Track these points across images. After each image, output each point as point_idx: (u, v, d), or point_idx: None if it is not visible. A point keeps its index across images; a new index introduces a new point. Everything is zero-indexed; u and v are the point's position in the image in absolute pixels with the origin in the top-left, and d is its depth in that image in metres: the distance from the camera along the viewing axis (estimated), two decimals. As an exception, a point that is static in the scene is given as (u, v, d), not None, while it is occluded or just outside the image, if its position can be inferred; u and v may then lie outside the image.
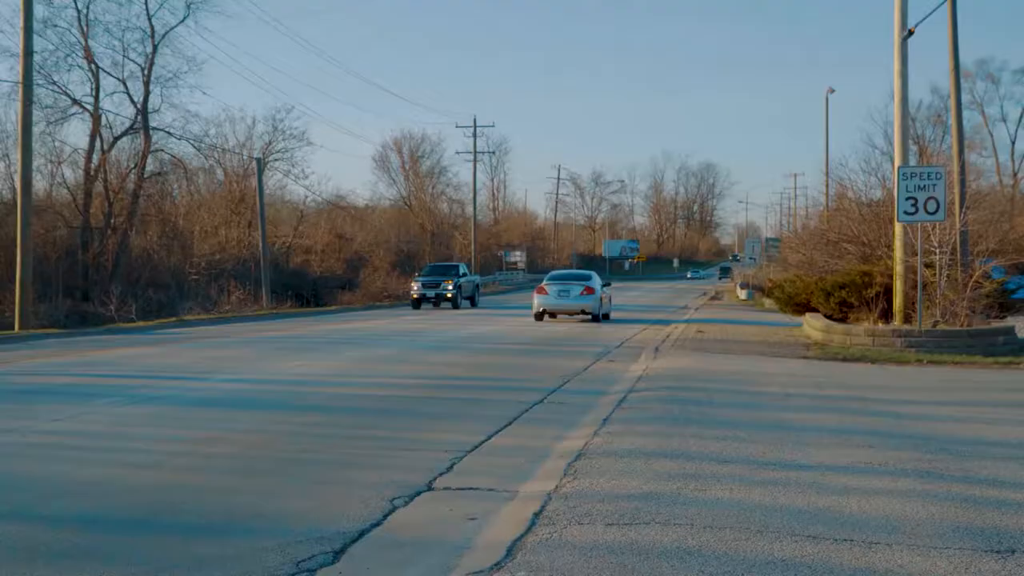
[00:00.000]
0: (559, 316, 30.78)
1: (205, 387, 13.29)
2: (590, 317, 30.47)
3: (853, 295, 24.00)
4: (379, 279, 55.64)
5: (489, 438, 9.32)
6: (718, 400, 11.44)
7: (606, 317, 31.59)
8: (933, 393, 12.55)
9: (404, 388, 13.28)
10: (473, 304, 43.47)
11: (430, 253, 75.61)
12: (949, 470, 7.47)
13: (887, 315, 22.10)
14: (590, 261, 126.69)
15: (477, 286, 45.13)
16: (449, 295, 40.94)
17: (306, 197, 62.42)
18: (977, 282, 20.59)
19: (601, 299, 30.68)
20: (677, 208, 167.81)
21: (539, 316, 30.39)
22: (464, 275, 43.09)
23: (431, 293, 41.20)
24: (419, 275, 43.49)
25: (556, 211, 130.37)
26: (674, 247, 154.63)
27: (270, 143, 59.17)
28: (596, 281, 31.00)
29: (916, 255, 19.12)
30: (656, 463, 7.61)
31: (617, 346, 21.12)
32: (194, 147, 53.38)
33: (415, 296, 41.59)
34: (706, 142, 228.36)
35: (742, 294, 53.15)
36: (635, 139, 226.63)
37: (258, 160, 48.84)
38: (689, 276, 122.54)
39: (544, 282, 30.92)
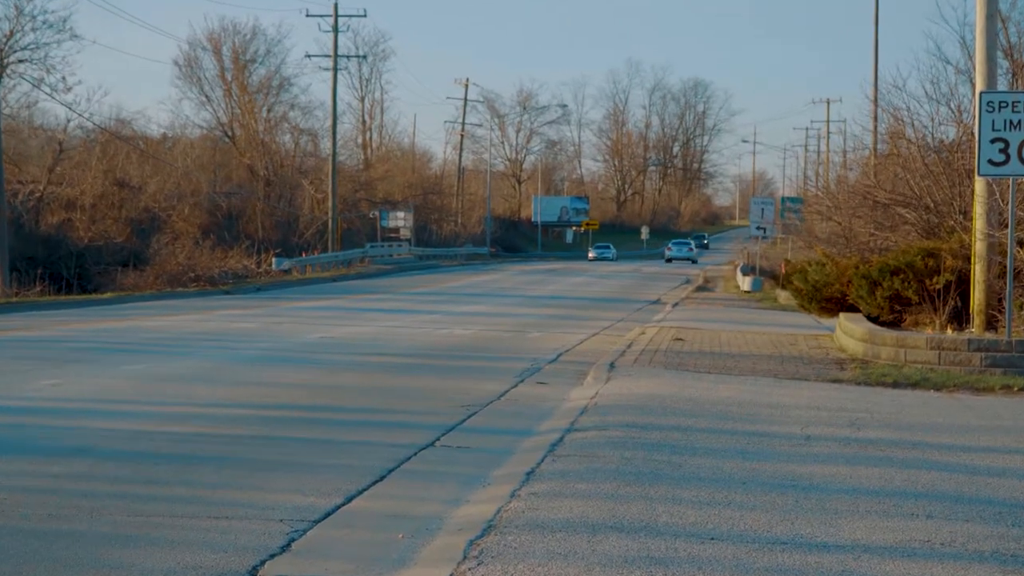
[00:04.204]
0: (674, 262, 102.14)
1: (-99, 417, 13.08)
2: (692, 262, 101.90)
3: (911, 286, 24.38)
4: (182, 251, 54.95)
5: (349, 500, 9.31)
6: (702, 445, 11.54)
7: (696, 261, 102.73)
8: (1026, 437, 12.84)
9: (218, 422, 13.15)
10: None
11: (264, 211, 75.05)
12: (1045, 553, 7.66)
13: (961, 318, 22.50)
14: (512, 227, 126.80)
15: None
16: None
17: (69, 121, 61.27)
18: (1095, 270, 21.05)
19: (695, 252, 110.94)
20: (648, 149, 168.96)
21: (668, 260, 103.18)
22: None
23: None
24: None
25: (462, 149, 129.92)
26: (642, 209, 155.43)
27: (12, 35, 58.05)
28: (692, 243, 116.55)
29: (1006, 227, 19.49)
30: (606, 541, 7.65)
31: (551, 360, 21.12)
32: None
33: None
34: (693, 51, 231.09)
35: (745, 283, 53.71)
36: (586, 44, 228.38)
37: (-8, 61, 47.94)
38: (592, 257, 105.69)
39: (669, 244, 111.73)
